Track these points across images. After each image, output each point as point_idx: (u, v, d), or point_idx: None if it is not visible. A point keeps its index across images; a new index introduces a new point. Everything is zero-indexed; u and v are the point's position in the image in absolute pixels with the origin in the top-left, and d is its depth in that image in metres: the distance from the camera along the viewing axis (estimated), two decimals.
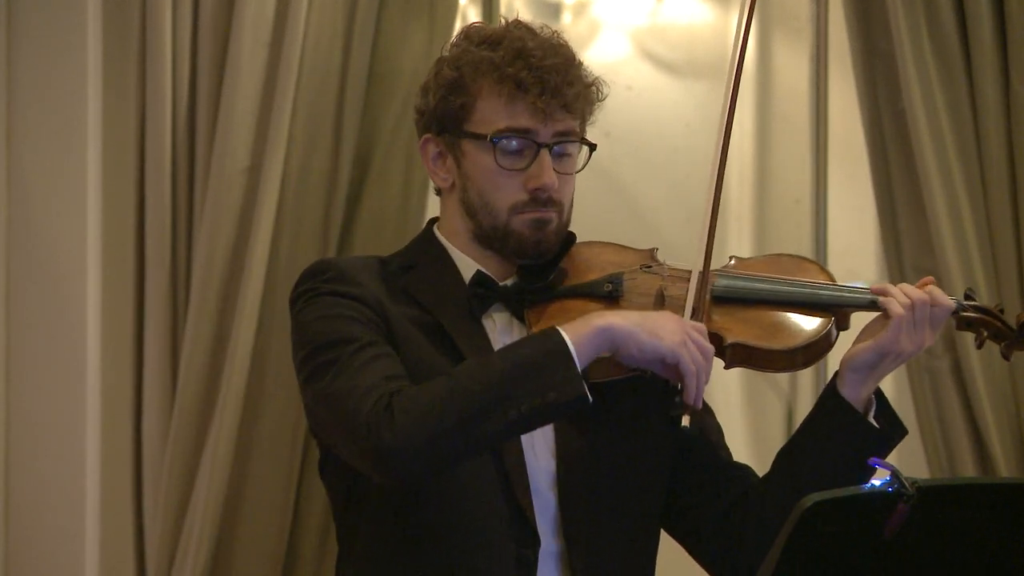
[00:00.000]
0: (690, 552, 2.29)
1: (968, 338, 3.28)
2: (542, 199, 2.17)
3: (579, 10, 4.17)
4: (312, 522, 3.71)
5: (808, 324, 2.14)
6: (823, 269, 2.23)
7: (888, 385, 3.60)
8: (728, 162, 2.25)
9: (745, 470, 2.28)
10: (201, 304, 3.63)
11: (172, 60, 3.67)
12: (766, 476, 2.25)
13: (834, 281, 2.20)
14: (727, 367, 2.17)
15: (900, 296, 2.14)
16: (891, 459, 2.00)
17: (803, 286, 2.17)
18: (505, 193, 2.17)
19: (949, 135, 3.35)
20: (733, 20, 4.18)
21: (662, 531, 2.30)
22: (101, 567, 3.76)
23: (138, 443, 3.74)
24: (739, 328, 2.13)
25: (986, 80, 3.33)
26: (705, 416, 2.29)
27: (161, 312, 3.69)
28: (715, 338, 2.13)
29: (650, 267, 2.21)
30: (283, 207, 3.64)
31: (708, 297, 2.16)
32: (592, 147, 2.23)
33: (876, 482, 1.78)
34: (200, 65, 3.68)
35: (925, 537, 1.81)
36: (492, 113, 2.17)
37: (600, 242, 2.28)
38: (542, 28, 2.23)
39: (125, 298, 3.74)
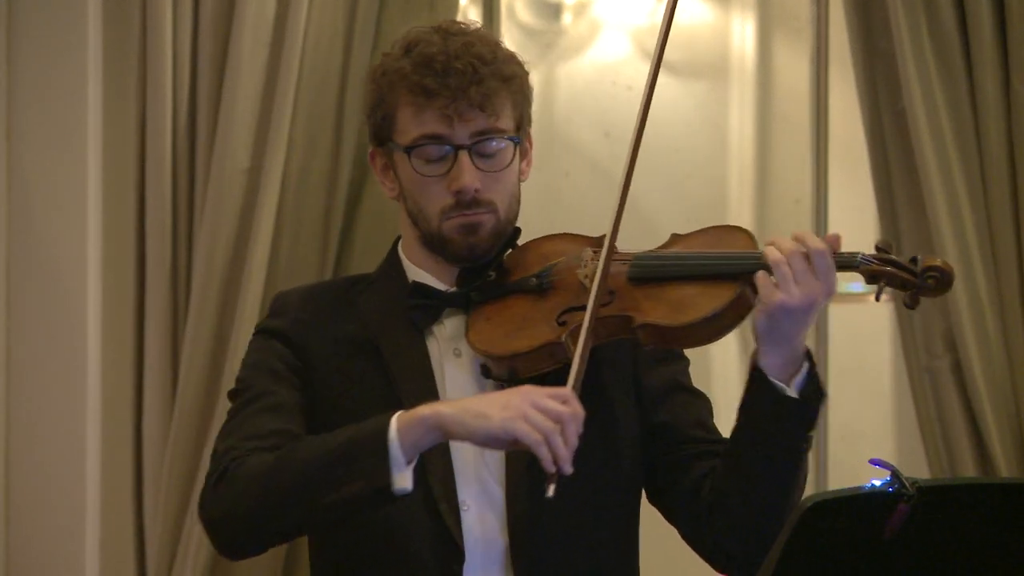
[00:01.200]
0: (676, 527, 2.31)
1: (969, 338, 3.29)
2: (465, 201, 2.19)
3: (579, 10, 4.17)
4: None
5: (714, 295, 2.12)
6: (751, 237, 2.20)
7: (888, 384, 3.59)
8: (728, 162, 2.25)
9: (719, 446, 2.27)
10: (201, 304, 3.63)
11: (172, 60, 3.67)
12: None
13: (755, 249, 2.17)
14: (646, 347, 2.17)
15: (772, 252, 2.10)
16: (891, 459, 1.99)
17: (712, 257, 2.16)
18: (432, 199, 2.21)
19: (949, 135, 3.34)
20: (733, 20, 4.19)
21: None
22: (101, 567, 3.76)
23: (138, 443, 3.74)
24: (648, 307, 2.14)
25: (986, 79, 3.32)
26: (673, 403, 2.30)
27: (161, 312, 3.68)
28: (626, 320, 2.14)
29: (579, 256, 2.22)
30: (283, 208, 3.64)
31: (624, 281, 2.16)
32: (516, 142, 2.23)
33: (876, 482, 1.78)
34: (200, 65, 3.68)
35: (925, 537, 1.81)
36: (408, 123, 2.20)
37: (559, 234, 2.29)
38: (466, 27, 2.24)
39: (125, 298, 3.74)
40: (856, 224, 3.90)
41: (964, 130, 3.35)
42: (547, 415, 1.99)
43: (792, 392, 2.12)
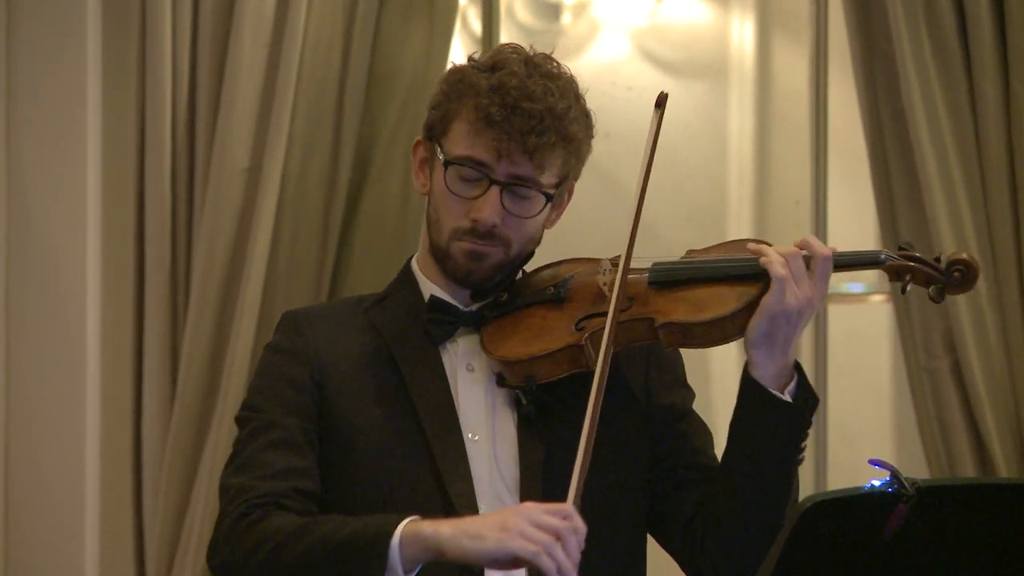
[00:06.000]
0: (671, 555, 2.30)
1: (968, 338, 3.29)
2: (480, 231, 2.19)
3: (579, 10, 4.18)
4: None
5: (738, 292, 2.15)
6: (769, 246, 2.22)
7: (887, 385, 3.59)
8: (728, 162, 2.25)
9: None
10: (201, 304, 3.63)
11: (172, 60, 3.68)
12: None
13: None
14: (666, 348, 2.20)
15: (775, 256, 2.13)
16: (891, 459, 1.99)
17: (729, 260, 2.19)
18: (451, 215, 2.21)
19: (949, 135, 3.35)
20: (733, 20, 4.19)
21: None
22: (101, 567, 3.76)
23: (138, 443, 3.75)
24: (669, 308, 2.16)
25: (986, 80, 3.33)
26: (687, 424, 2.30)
27: (161, 312, 3.69)
28: (647, 322, 2.16)
29: (598, 267, 2.24)
30: (283, 208, 3.64)
31: (644, 287, 2.19)
32: (549, 198, 2.22)
33: (876, 482, 1.78)
34: (200, 65, 3.68)
35: (925, 537, 1.81)
36: (460, 137, 2.20)
37: (570, 259, 2.31)
38: (555, 69, 2.22)
39: (125, 298, 3.74)
40: (855, 224, 3.91)
41: (963, 130, 3.35)
42: (545, 530, 1.97)
43: (786, 398, 2.13)
